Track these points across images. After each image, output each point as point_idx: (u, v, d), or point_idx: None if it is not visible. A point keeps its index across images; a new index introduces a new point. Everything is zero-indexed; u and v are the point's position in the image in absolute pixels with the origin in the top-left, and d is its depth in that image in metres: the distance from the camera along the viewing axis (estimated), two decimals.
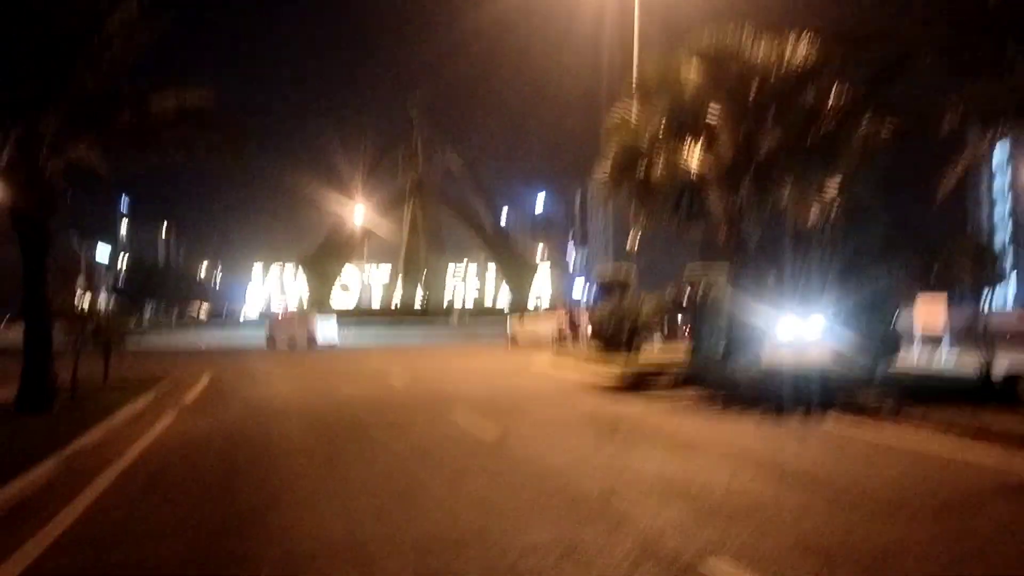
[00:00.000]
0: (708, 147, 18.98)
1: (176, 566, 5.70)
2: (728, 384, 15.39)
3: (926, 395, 12.50)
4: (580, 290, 65.79)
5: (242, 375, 22.33)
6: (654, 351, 23.98)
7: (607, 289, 25.39)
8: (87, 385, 15.96)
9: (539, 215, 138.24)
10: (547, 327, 34.71)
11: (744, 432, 10.94)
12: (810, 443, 9.98)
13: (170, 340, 46.94)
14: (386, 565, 5.56)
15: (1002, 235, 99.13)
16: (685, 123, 18.52)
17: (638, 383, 17.61)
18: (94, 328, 16.45)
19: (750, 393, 14.34)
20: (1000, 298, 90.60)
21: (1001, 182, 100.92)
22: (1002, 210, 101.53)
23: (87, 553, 6.08)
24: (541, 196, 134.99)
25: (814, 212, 19.07)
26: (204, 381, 19.98)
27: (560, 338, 32.18)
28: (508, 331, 38.48)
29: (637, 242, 27.09)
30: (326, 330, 39.47)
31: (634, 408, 13.74)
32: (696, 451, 9.55)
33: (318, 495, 7.70)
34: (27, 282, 13.99)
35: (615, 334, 23.92)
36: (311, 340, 38.25)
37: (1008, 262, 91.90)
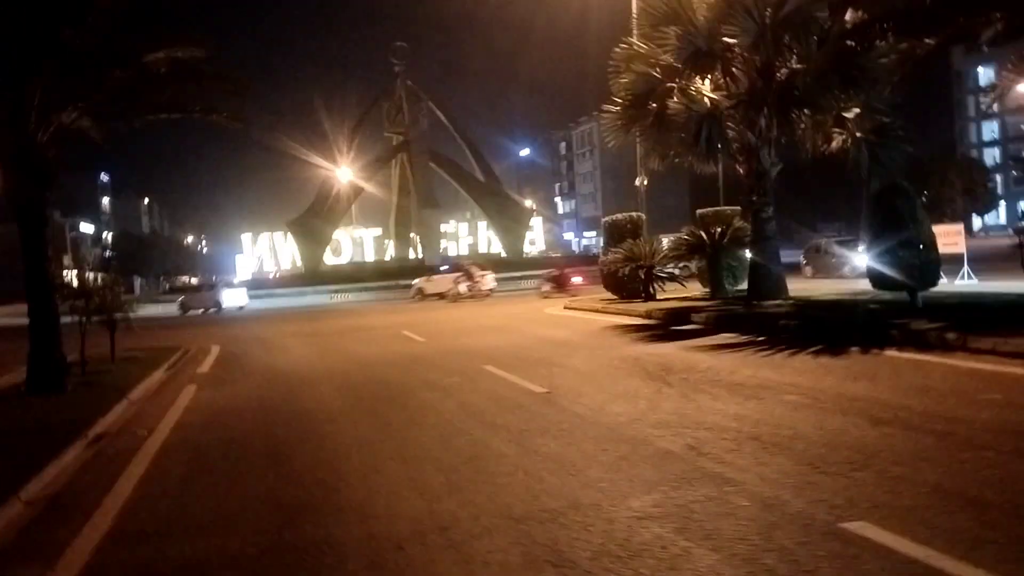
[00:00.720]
0: (725, 76, 18.26)
1: (251, 558, 5.09)
2: (764, 321, 14.81)
3: (980, 319, 11.97)
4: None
5: (250, 342, 21.67)
6: (668, 294, 23.41)
7: (617, 234, 24.71)
8: (95, 362, 15.35)
9: (523, 166, 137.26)
10: (448, 283, 39.61)
11: (807, 370, 10.35)
12: (884, 377, 9.40)
13: (165, 311, 46.09)
14: (485, 544, 4.96)
15: (992, 152, 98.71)
16: (699, 51, 17.73)
17: (667, 325, 17.08)
18: (98, 303, 15.69)
19: (792, 329, 13.78)
20: (991, 218, 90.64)
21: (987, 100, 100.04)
22: (992, 128, 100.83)
23: (145, 549, 5.46)
24: (525, 147, 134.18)
25: (836, 139, 18.45)
26: (214, 351, 19.33)
27: (455, 291, 37.73)
28: (414, 286, 43.02)
29: (644, 184, 26.37)
30: (233, 297, 48.17)
31: (676, 351, 13.16)
32: (766, 394, 8.96)
33: (381, 466, 7.10)
34: (28, 259, 13.22)
35: (629, 279, 23.39)
36: (217, 304, 46.33)
37: (999, 182, 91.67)
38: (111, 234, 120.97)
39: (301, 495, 6.38)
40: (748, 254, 22.64)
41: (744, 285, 22.40)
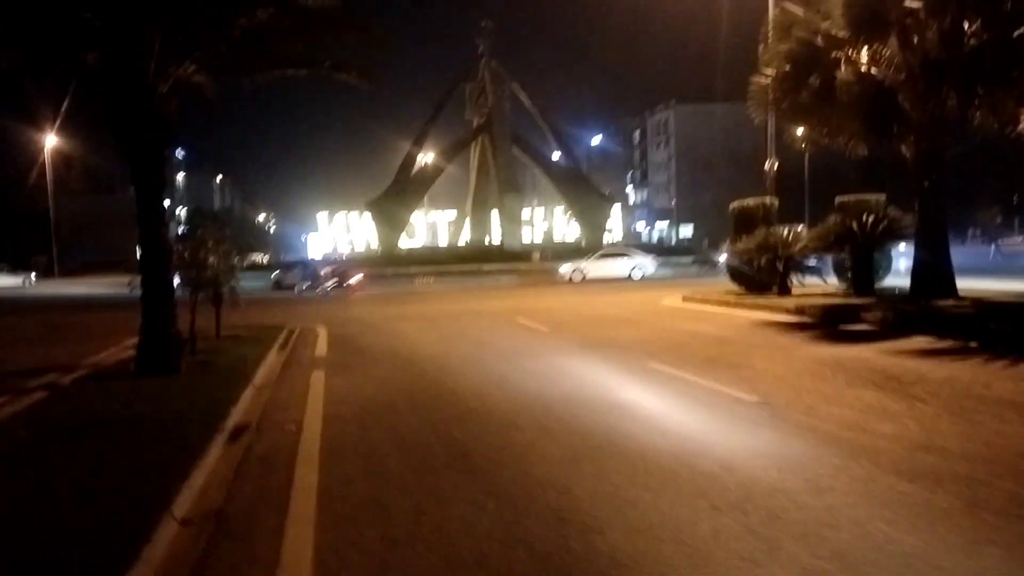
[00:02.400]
0: (901, 45, 16.19)
1: None
2: (962, 323, 12.79)
3: None
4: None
5: (355, 323, 20.20)
6: (803, 289, 21.38)
7: (746, 221, 22.67)
8: (200, 339, 14.03)
9: (595, 154, 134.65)
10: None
11: None
12: None
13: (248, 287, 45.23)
14: None
15: None
16: (875, 16, 15.70)
17: (830, 324, 15.13)
18: (211, 276, 14.40)
19: (1010, 334, 11.74)
20: None
21: None
22: None
23: None
24: (597, 135, 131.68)
25: None
26: (323, 331, 17.93)
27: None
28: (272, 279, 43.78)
29: (775, 168, 24.32)
30: None
31: (876, 355, 11.21)
32: None
33: (628, 495, 5.45)
34: (143, 224, 11.91)
35: (762, 271, 21.42)
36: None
37: None
38: (185, 210, 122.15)
39: (550, 537, 4.75)
40: (901, 247, 20.68)
41: (889, 281, 20.39)
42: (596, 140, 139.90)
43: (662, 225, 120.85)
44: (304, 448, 7.20)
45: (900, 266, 21.97)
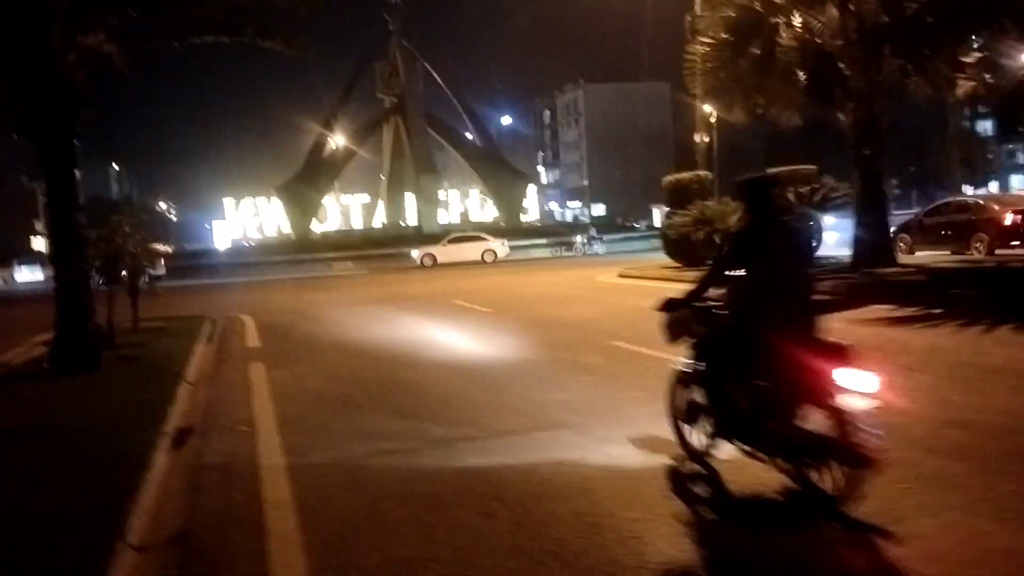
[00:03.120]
0: (841, 10, 16.00)
1: None
2: (919, 291, 12.64)
3: None
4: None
5: (282, 312, 19.00)
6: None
7: (682, 196, 22.36)
8: (119, 333, 12.84)
9: (505, 134, 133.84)
10: None
11: None
12: None
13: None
14: None
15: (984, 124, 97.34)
16: None
17: None
18: (131, 267, 13.21)
19: (974, 300, 11.59)
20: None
21: None
22: None
23: None
24: (507, 115, 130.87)
25: (963, 86, 16.34)
26: (249, 320, 16.79)
27: None
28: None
29: (704, 141, 24.08)
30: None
31: (843, 325, 10.61)
32: None
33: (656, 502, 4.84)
34: (53, 208, 10.75)
35: (700, 245, 21.16)
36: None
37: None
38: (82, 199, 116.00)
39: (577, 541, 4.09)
40: (832, 217, 20.70)
41: (820, 252, 20.39)
42: (507, 120, 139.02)
43: (574, 204, 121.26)
44: (264, 452, 6.35)
45: (829, 239, 22.00)
